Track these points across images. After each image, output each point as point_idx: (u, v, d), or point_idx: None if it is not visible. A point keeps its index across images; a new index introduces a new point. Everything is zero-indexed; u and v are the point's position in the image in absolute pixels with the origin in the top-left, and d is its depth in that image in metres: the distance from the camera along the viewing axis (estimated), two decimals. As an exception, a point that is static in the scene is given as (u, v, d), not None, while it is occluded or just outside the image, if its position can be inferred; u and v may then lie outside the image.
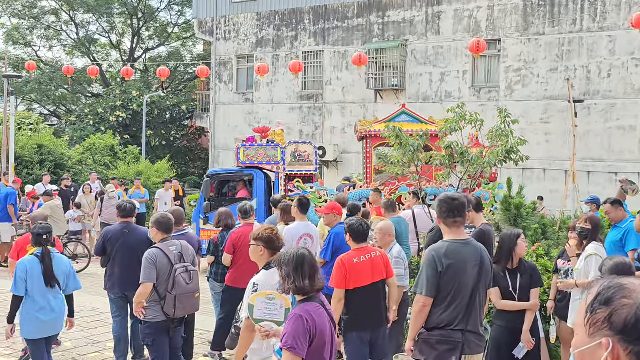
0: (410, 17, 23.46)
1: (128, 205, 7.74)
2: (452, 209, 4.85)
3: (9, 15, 36.88)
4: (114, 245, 7.51)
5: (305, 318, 3.80)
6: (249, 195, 14.59)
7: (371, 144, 14.81)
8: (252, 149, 14.64)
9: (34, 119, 28.74)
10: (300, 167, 14.68)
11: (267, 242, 4.88)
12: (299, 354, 3.74)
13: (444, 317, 4.77)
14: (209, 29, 28.37)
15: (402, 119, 14.95)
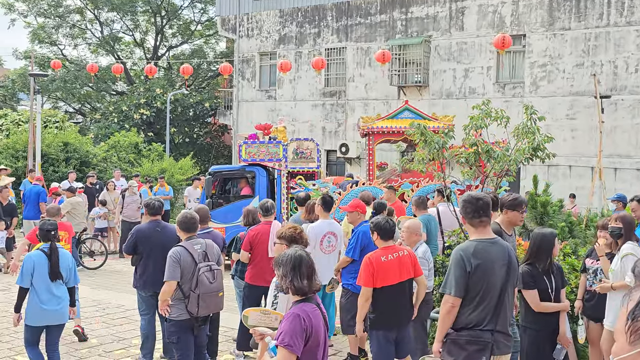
0: (433, 13, 23.30)
1: (157, 203, 7.70)
2: (478, 209, 4.79)
3: (35, 14, 37.30)
4: (146, 244, 7.42)
5: (302, 317, 3.84)
6: (252, 192, 14.56)
7: (374, 141, 14.74)
8: (254, 146, 14.53)
9: (59, 117, 29.04)
10: (303, 164, 14.59)
11: (291, 240, 4.86)
12: (294, 351, 3.75)
13: (472, 317, 4.71)
14: (232, 27, 28.44)
15: (405, 115, 14.89)
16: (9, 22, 38.28)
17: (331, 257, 8.20)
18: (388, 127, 14.56)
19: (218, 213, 14.23)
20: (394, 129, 14.53)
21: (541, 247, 5.87)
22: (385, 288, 5.98)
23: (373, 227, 6.22)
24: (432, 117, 14.86)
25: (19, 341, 8.63)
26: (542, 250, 5.86)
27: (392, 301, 6.05)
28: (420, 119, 14.65)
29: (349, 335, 7.76)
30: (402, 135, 14.68)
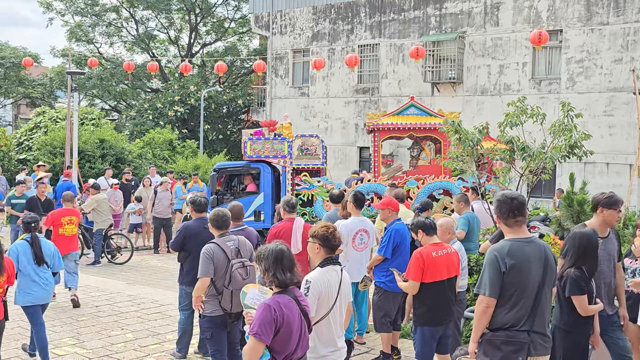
0: (468, 9, 23.07)
1: (202, 200, 7.70)
2: (513, 209, 4.74)
3: (72, 13, 37.90)
4: (194, 241, 7.34)
5: (273, 308, 4.04)
6: (257, 189, 14.51)
7: (379, 137, 14.62)
8: (259, 142, 14.52)
9: (95, 114, 29.47)
10: (308, 160, 14.54)
11: (323, 239, 4.83)
12: (262, 340, 4.00)
13: (508, 317, 4.65)
14: (265, 24, 28.53)
15: (411, 112, 14.77)
16: (47, 20, 39.05)
17: (363, 255, 8.18)
18: (394, 124, 14.43)
19: None
20: (400, 126, 14.41)
21: (587, 249, 5.51)
22: (433, 284, 6.07)
23: (415, 226, 6.33)
24: (438, 114, 14.72)
25: (57, 334, 8.81)
26: (588, 252, 5.51)
27: (439, 297, 6.13)
28: (426, 116, 14.57)
29: (382, 333, 7.74)
30: (408, 131, 14.58)
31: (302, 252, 7.74)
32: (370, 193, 13.84)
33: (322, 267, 4.82)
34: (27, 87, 38.99)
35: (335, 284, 4.77)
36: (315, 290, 4.65)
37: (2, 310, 6.36)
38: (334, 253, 4.88)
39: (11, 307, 7.67)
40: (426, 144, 15.17)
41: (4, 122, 43.28)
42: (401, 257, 7.56)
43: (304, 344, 4.28)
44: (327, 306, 4.71)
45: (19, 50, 38.24)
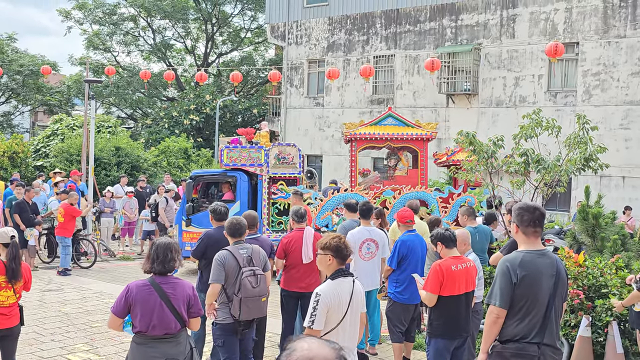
0: (484, 21, 23.09)
1: (222, 208, 7.74)
2: (534, 219, 4.72)
3: (90, 22, 38.30)
4: (215, 249, 7.20)
5: (128, 288, 5.02)
6: (233, 197, 14.38)
7: (356, 147, 14.59)
8: (236, 150, 14.38)
9: (112, 122, 29.73)
10: (284, 169, 14.45)
11: (336, 250, 4.84)
12: (113, 312, 5.01)
13: (518, 329, 4.65)
14: (281, 34, 28.70)
15: (389, 122, 14.73)
16: (66, 29, 39.50)
17: (369, 264, 8.21)
18: (371, 134, 14.41)
19: (198, 217, 14.20)
20: (378, 136, 14.41)
21: None
22: (451, 297, 6.07)
23: (435, 239, 6.33)
24: (415, 124, 14.71)
25: (71, 340, 8.88)
26: None
27: (456, 311, 6.14)
28: (403, 126, 14.57)
29: (394, 343, 7.75)
30: (385, 141, 14.58)
31: (314, 261, 7.77)
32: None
33: (333, 279, 4.80)
34: (44, 95, 39.40)
35: (347, 296, 4.76)
36: (325, 303, 4.65)
37: (18, 315, 6.43)
38: (344, 264, 4.90)
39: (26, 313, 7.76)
40: (403, 155, 15.15)
41: (22, 129, 43.71)
42: (410, 268, 7.56)
43: (163, 325, 4.94)
44: (337, 319, 4.71)
45: (38, 58, 38.65)
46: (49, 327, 9.58)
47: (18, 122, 43.64)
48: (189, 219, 14.25)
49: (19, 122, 44.05)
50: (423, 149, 14.50)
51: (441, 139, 23.64)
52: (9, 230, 6.54)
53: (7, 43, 38.59)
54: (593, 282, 7.51)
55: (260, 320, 6.84)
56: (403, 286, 7.63)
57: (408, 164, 15.14)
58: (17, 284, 6.33)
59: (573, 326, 7.36)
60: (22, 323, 6.51)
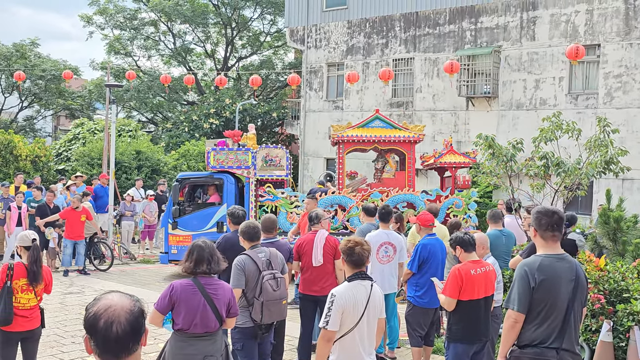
0: (504, 23, 22.97)
1: (240, 212, 7.79)
2: (552, 223, 4.68)
3: (111, 27, 38.69)
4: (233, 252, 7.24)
5: (173, 286, 5.11)
6: (220, 200, 14.32)
7: (344, 149, 14.52)
8: (223, 153, 14.30)
9: (132, 126, 29.96)
10: (272, 172, 14.37)
11: (347, 254, 4.92)
12: (157, 309, 5.10)
13: (537, 334, 4.61)
14: (300, 38, 28.76)
15: (376, 124, 14.67)
16: (87, 34, 39.96)
17: (387, 268, 8.21)
18: (359, 136, 14.36)
19: (185, 220, 14.20)
20: (365, 138, 14.35)
21: None
22: (470, 302, 6.04)
23: (454, 242, 6.30)
24: (402, 127, 14.66)
25: (91, 343, 8.95)
26: None
27: (476, 315, 6.11)
28: (391, 128, 14.51)
29: (413, 347, 7.73)
30: (373, 144, 14.51)
31: (324, 264, 7.78)
32: (334, 205, 13.84)
33: (350, 281, 4.86)
34: (66, 99, 39.86)
35: (363, 299, 4.77)
36: (339, 305, 4.70)
37: (39, 317, 6.50)
38: (360, 268, 4.90)
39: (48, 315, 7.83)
40: (390, 157, 15.09)
41: (44, 133, 44.24)
42: (430, 272, 7.54)
43: (204, 323, 5.11)
44: (352, 321, 4.72)
45: (60, 63, 39.12)
46: (70, 329, 9.67)
47: (40, 127, 44.17)
48: (175, 221, 14.20)
49: (42, 126, 44.59)
50: (410, 151, 14.48)
51: (461, 142, 23.54)
52: (30, 233, 6.62)
53: (30, 48, 39.09)
54: (614, 287, 7.43)
55: (280, 323, 6.86)
56: (423, 290, 7.62)
57: (395, 167, 15.10)
58: (38, 287, 6.41)
59: (594, 331, 7.28)
60: (43, 325, 6.58)
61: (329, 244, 7.87)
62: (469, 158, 14.64)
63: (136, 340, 2.45)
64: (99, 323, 2.38)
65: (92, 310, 2.42)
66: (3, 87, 39.81)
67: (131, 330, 2.41)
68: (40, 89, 38.22)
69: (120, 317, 2.40)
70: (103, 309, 2.41)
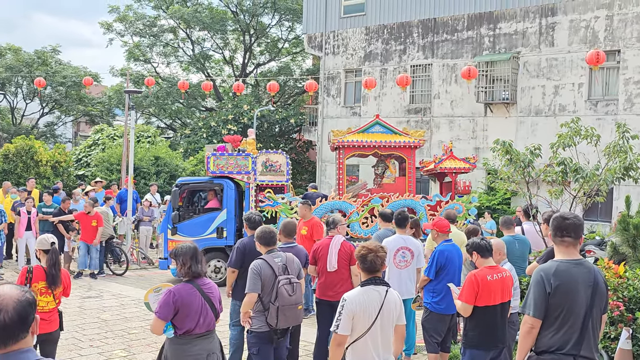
0: (522, 29, 22.87)
1: (257, 217, 7.82)
2: (562, 228, 4.66)
3: (131, 34, 39.06)
4: (251, 257, 7.19)
5: (173, 293, 5.16)
6: (220, 205, 14.24)
7: (344, 155, 14.46)
8: (223, 158, 14.23)
9: (151, 132, 30.18)
10: (272, 177, 14.28)
11: (360, 260, 4.94)
12: (159, 317, 5.13)
13: (554, 340, 4.57)
14: (318, 44, 28.83)
15: (376, 130, 14.62)
16: (107, 41, 40.30)
17: (404, 273, 8.18)
18: (359, 142, 14.30)
19: (184, 226, 14.12)
20: (366, 143, 14.30)
21: None
22: (486, 308, 6.02)
23: (470, 248, 6.28)
24: (402, 132, 14.59)
25: (109, 346, 9.03)
26: None
27: (492, 322, 6.08)
28: (391, 134, 14.46)
29: (429, 353, 7.70)
30: (373, 149, 14.46)
31: (339, 270, 7.77)
32: (334, 211, 13.81)
33: (362, 286, 4.86)
34: (86, 106, 40.28)
35: (375, 305, 4.75)
36: (349, 309, 4.70)
37: (58, 320, 6.57)
38: (374, 274, 4.89)
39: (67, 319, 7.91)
40: (391, 162, 15.03)
41: (65, 139, 44.71)
42: (447, 278, 7.51)
43: (207, 322, 5.30)
44: (364, 326, 4.71)
45: (80, 69, 39.56)
46: (88, 333, 9.75)
47: (61, 132, 44.66)
48: (175, 227, 14.14)
49: (62, 132, 45.08)
50: (410, 157, 14.43)
51: (479, 149, 23.44)
52: (49, 237, 6.69)
53: (51, 55, 39.57)
54: (634, 294, 7.36)
55: (295, 328, 6.86)
56: (440, 296, 7.59)
57: (395, 172, 15.05)
58: (56, 290, 6.48)
59: (613, 338, 7.22)
60: (61, 328, 6.65)
61: (344, 249, 7.87)
62: (469, 163, 14.60)
63: (24, 329, 2.60)
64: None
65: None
66: (24, 94, 40.33)
67: (18, 318, 2.57)
68: (60, 95, 38.68)
69: (9, 306, 2.56)
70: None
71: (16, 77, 38.09)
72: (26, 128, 40.36)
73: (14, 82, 39.04)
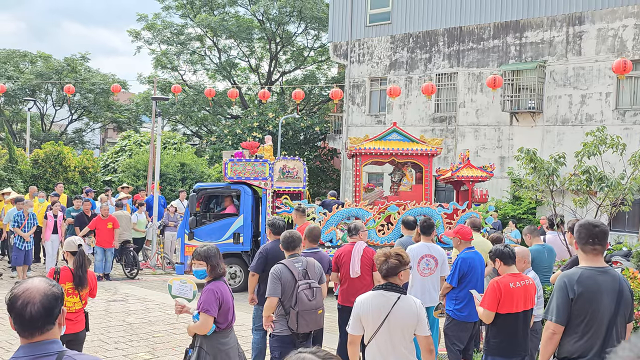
0: (549, 38, 22.74)
1: (281, 222, 7.91)
2: (592, 236, 4.65)
3: (158, 42, 39.52)
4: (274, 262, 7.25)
5: (215, 291, 5.41)
6: (237, 211, 14.25)
7: (361, 162, 14.40)
8: (240, 164, 14.24)
9: (177, 139, 30.48)
10: (289, 183, 14.27)
11: (378, 265, 5.00)
12: (211, 314, 5.35)
13: (577, 347, 4.56)
14: (344, 52, 28.93)
15: (393, 137, 14.57)
16: (135, 49, 40.86)
17: (428, 280, 8.16)
18: (376, 149, 14.27)
19: (201, 231, 14.18)
20: (382, 151, 14.26)
21: None
22: (508, 315, 5.99)
23: (493, 255, 6.27)
24: (419, 140, 14.54)
25: (134, 349, 9.15)
26: None
27: (515, 330, 6.06)
28: (408, 142, 14.40)
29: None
30: (390, 156, 14.40)
31: (362, 276, 7.79)
32: (350, 218, 13.79)
33: (373, 290, 4.94)
34: (114, 112, 40.84)
35: (382, 310, 4.77)
36: (356, 311, 4.87)
37: (84, 321, 6.68)
38: (389, 279, 4.91)
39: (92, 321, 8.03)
40: (407, 170, 14.96)
41: (92, 145, 45.34)
42: (470, 285, 7.49)
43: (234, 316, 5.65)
44: (370, 329, 4.80)
45: (108, 77, 40.13)
46: (113, 335, 9.89)
47: (89, 139, 45.31)
48: (192, 232, 14.22)
49: (90, 138, 45.74)
50: (428, 165, 14.39)
51: (504, 158, 23.32)
52: (77, 239, 6.82)
53: (81, 62, 40.21)
54: (659, 304, 7.28)
55: (317, 332, 6.90)
56: (462, 304, 7.57)
57: (412, 180, 15.01)
58: (83, 291, 6.60)
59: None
60: (87, 329, 6.76)
61: (366, 255, 7.90)
62: (486, 172, 14.55)
63: (49, 321, 2.70)
64: (17, 303, 2.68)
65: (14, 291, 2.72)
66: (54, 100, 41.02)
67: (44, 311, 2.67)
68: (89, 102, 39.26)
69: (35, 299, 2.67)
70: (22, 291, 2.70)
71: (46, 84, 38.76)
72: (55, 134, 41.03)
73: (44, 89, 39.73)
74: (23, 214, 14.42)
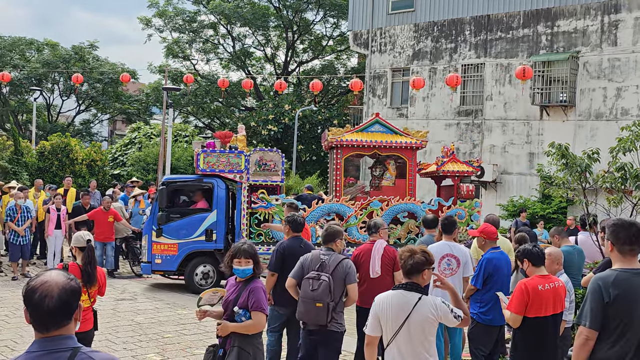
0: (582, 27, 22.55)
1: (300, 219, 7.96)
2: (631, 236, 4.60)
3: (170, 29, 39.65)
4: (292, 261, 7.37)
5: (263, 289, 5.60)
6: (209, 206, 13.86)
7: (342, 155, 14.23)
8: (214, 155, 13.79)
9: (189, 131, 30.60)
10: (266, 177, 13.90)
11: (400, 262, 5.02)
12: (266, 312, 5.58)
13: (610, 353, 4.51)
14: (364, 41, 28.88)
15: (375, 129, 14.45)
16: (146, 37, 41.15)
17: (449, 281, 8.13)
18: (358, 141, 14.10)
19: (170, 227, 13.72)
20: (365, 143, 14.10)
21: None
22: (537, 319, 5.94)
23: (522, 255, 6.19)
24: (403, 132, 14.40)
25: (143, 350, 9.22)
26: None
27: (544, 334, 6.01)
28: (391, 134, 14.29)
29: (475, 366, 7.67)
30: (372, 149, 14.27)
31: (382, 276, 7.79)
32: (331, 214, 13.70)
33: (393, 289, 4.93)
34: (123, 103, 41.07)
35: (403, 310, 4.76)
36: (374, 310, 4.88)
37: (92, 319, 6.74)
38: (410, 277, 4.91)
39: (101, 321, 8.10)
40: (390, 164, 14.80)
41: (100, 138, 45.66)
42: (495, 287, 7.45)
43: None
44: (391, 330, 4.79)
45: (118, 66, 40.33)
46: (122, 335, 9.97)
47: (97, 131, 45.64)
48: (160, 229, 13.72)
49: (98, 130, 46.07)
50: (411, 158, 14.29)
51: (533, 154, 23.18)
52: (85, 234, 6.88)
53: (89, 51, 40.46)
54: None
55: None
56: (487, 307, 7.53)
57: (395, 174, 14.84)
58: (92, 288, 6.66)
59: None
60: (95, 328, 6.82)
61: (387, 254, 7.89)
62: (472, 167, 14.44)
63: (66, 316, 2.76)
64: (34, 296, 2.71)
65: (31, 283, 2.76)
66: (61, 90, 41.33)
67: (62, 305, 2.72)
68: (97, 92, 39.50)
69: (53, 292, 2.71)
70: (40, 283, 2.74)
71: (53, 74, 39.07)
72: (62, 125, 41.36)
73: (50, 79, 40.04)
74: (15, 207, 14.44)
